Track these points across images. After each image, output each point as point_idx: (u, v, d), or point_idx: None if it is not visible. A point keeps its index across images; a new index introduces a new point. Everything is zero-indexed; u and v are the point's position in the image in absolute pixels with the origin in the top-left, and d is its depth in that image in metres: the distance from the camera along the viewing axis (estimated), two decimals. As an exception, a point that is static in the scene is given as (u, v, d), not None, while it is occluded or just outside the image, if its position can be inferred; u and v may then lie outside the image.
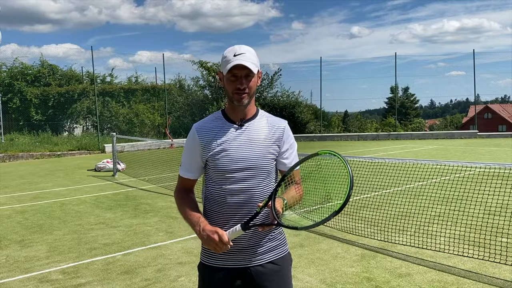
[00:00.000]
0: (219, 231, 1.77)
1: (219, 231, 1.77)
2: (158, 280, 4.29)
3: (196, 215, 1.91)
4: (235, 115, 1.97)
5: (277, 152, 1.97)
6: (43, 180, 11.78)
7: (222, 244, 1.76)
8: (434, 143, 20.51)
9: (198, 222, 1.86)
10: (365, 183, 7.07)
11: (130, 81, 29.47)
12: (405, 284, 3.99)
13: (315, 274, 4.31)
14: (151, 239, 5.72)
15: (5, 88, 24.10)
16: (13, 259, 5.08)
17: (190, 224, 1.91)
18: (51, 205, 8.19)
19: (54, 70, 26.37)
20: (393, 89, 32.99)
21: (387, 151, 17.23)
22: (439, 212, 6.25)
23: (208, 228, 1.81)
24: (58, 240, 5.78)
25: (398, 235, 5.30)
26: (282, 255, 2.01)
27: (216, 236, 1.76)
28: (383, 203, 6.80)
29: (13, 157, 18.15)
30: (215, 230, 1.78)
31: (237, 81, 1.88)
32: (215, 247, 1.78)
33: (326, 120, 28.34)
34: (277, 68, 28.13)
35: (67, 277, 4.45)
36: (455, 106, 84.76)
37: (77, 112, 24.89)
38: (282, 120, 2.07)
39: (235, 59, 1.84)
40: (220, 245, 1.76)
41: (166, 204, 7.98)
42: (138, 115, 24.83)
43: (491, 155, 14.27)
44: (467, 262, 4.45)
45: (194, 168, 2.01)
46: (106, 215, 7.20)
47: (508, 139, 21.19)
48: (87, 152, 20.05)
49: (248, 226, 1.77)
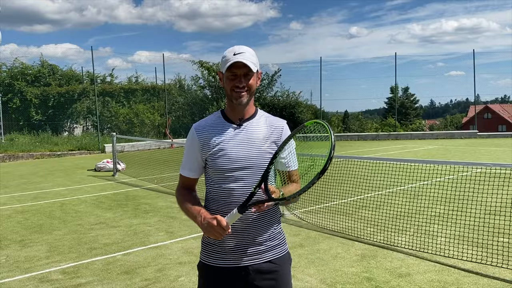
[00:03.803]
0: (218, 217, 1.79)
1: (218, 217, 1.79)
2: (158, 280, 4.29)
3: (197, 208, 1.93)
4: (234, 114, 1.98)
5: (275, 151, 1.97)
6: (43, 180, 11.78)
7: (220, 229, 1.77)
8: (434, 143, 20.51)
9: (199, 213, 1.89)
10: (365, 183, 7.07)
11: (130, 81, 29.49)
12: (405, 284, 3.99)
13: (315, 274, 4.31)
14: (151, 239, 5.73)
15: (5, 88, 24.11)
16: (13, 259, 5.08)
17: (192, 217, 1.93)
18: (51, 205, 8.19)
19: (54, 70, 26.40)
20: (393, 89, 32.98)
21: (387, 151, 17.23)
22: (439, 212, 6.25)
23: (208, 216, 1.84)
24: (58, 240, 5.78)
25: (398, 235, 5.30)
26: (281, 255, 2.01)
27: (215, 221, 1.78)
28: (383, 203, 6.81)
29: (13, 157, 18.15)
30: (214, 217, 1.80)
31: (236, 80, 1.90)
32: (215, 233, 1.79)
33: (326, 120, 28.30)
34: (277, 68, 28.18)
35: (67, 277, 4.45)
36: (455, 106, 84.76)
37: (77, 112, 24.90)
38: (280, 120, 2.08)
39: (235, 58, 1.87)
40: (218, 230, 1.77)
41: (166, 204, 7.98)
42: (138, 115, 24.83)
43: (491, 155, 14.27)
44: (467, 262, 4.45)
45: (194, 167, 2.03)
46: (106, 215, 7.20)
47: (508, 139, 21.19)
48: (87, 152, 20.05)
49: (244, 209, 1.78)
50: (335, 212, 6.37)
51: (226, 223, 1.78)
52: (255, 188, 1.80)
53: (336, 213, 6.35)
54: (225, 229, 1.77)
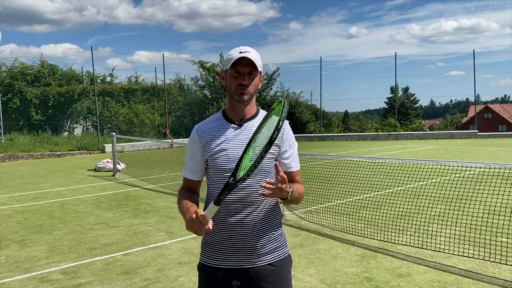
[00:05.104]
0: (197, 210, 1.73)
1: (197, 210, 1.73)
2: (158, 280, 4.29)
3: (188, 205, 1.88)
4: (235, 115, 1.98)
5: (277, 152, 1.97)
6: (43, 180, 11.78)
7: (198, 222, 1.69)
8: (434, 143, 20.51)
9: (188, 210, 1.84)
10: (365, 183, 7.07)
11: (130, 81, 29.50)
12: (405, 284, 3.99)
13: (315, 274, 4.31)
14: (151, 239, 5.72)
15: (5, 88, 24.11)
16: (13, 259, 5.08)
17: (183, 215, 1.88)
18: (51, 205, 8.19)
19: (54, 70, 26.39)
20: (393, 89, 32.98)
21: (387, 151, 17.23)
22: (439, 212, 6.25)
23: (191, 210, 1.78)
24: (58, 240, 5.78)
25: (398, 235, 5.30)
26: (282, 257, 2.00)
27: (194, 215, 1.70)
28: (383, 203, 6.80)
29: (13, 157, 18.15)
30: (195, 211, 1.73)
31: (240, 77, 1.90)
32: (194, 227, 1.71)
33: (326, 120, 28.34)
34: (276, 68, 28.20)
35: (67, 277, 4.45)
36: (455, 106, 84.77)
37: (77, 112, 24.90)
38: None
39: (240, 55, 1.87)
40: (197, 223, 1.70)
41: (166, 204, 7.98)
42: (138, 115, 24.83)
43: (491, 155, 14.27)
44: (467, 262, 4.45)
45: (196, 169, 2.02)
46: (106, 215, 7.20)
47: (508, 139, 21.19)
48: (87, 152, 20.05)
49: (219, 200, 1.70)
50: (335, 212, 6.37)
51: (202, 215, 1.69)
52: (229, 178, 1.72)
53: (336, 213, 6.35)
54: (203, 222, 1.69)
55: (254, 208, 1.91)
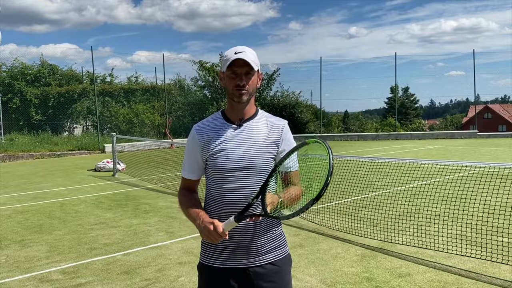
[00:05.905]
0: (215, 222, 1.78)
1: (215, 222, 1.78)
2: (158, 280, 4.29)
3: (196, 210, 1.92)
4: (234, 114, 1.98)
5: (276, 151, 1.97)
6: (43, 180, 11.78)
7: (216, 234, 1.76)
8: (434, 143, 20.51)
9: (198, 215, 1.88)
10: (365, 183, 7.07)
11: (130, 81, 29.48)
12: (405, 284, 3.99)
13: (315, 274, 4.31)
14: (151, 239, 5.73)
15: (5, 88, 24.11)
16: (13, 259, 5.08)
17: (191, 219, 1.92)
18: (51, 205, 8.19)
19: (54, 70, 26.39)
20: (393, 89, 32.98)
21: (387, 151, 17.23)
22: (439, 212, 6.25)
23: (206, 219, 1.82)
24: (58, 240, 5.78)
25: (398, 235, 5.30)
26: (282, 257, 2.01)
27: (212, 226, 1.76)
28: (383, 203, 6.80)
29: (13, 157, 18.15)
30: (211, 221, 1.79)
31: (237, 78, 1.90)
32: (211, 237, 1.78)
33: (326, 120, 28.33)
34: (276, 68, 28.18)
35: (67, 277, 4.45)
36: (455, 106, 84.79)
37: (77, 112, 24.90)
38: (281, 120, 2.07)
39: (235, 56, 1.87)
40: (214, 235, 1.76)
41: (166, 204, 7.98)
42: (138, 115, 24.84)
43: (491, 155, 14.27)
44: (467, 262, 4.45)
45: (195, 169, 2.03)
46: (106, 215, 7.20)
47: (508, 139, 21.18)
48: (87, 152, 20.05)
49: (241, 218, 1.77)
50: (335, 212, 6.37)
51: (223, 230, 1.76)
52: (253, 199, 1.79)
53: (336, 213, 6.35)
54: (221, 235, 1.76)
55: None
